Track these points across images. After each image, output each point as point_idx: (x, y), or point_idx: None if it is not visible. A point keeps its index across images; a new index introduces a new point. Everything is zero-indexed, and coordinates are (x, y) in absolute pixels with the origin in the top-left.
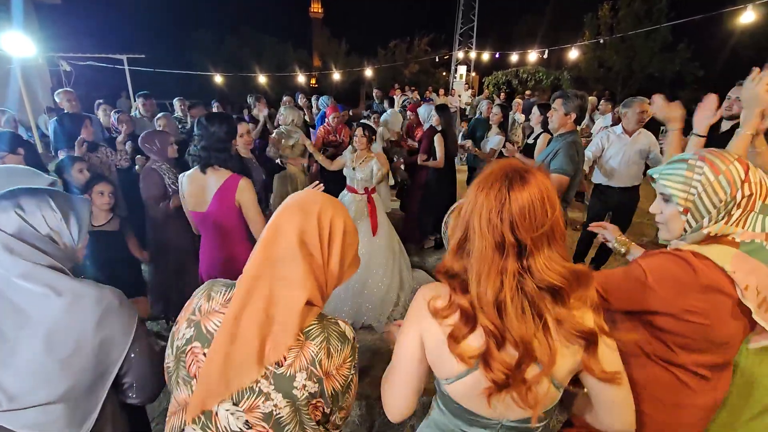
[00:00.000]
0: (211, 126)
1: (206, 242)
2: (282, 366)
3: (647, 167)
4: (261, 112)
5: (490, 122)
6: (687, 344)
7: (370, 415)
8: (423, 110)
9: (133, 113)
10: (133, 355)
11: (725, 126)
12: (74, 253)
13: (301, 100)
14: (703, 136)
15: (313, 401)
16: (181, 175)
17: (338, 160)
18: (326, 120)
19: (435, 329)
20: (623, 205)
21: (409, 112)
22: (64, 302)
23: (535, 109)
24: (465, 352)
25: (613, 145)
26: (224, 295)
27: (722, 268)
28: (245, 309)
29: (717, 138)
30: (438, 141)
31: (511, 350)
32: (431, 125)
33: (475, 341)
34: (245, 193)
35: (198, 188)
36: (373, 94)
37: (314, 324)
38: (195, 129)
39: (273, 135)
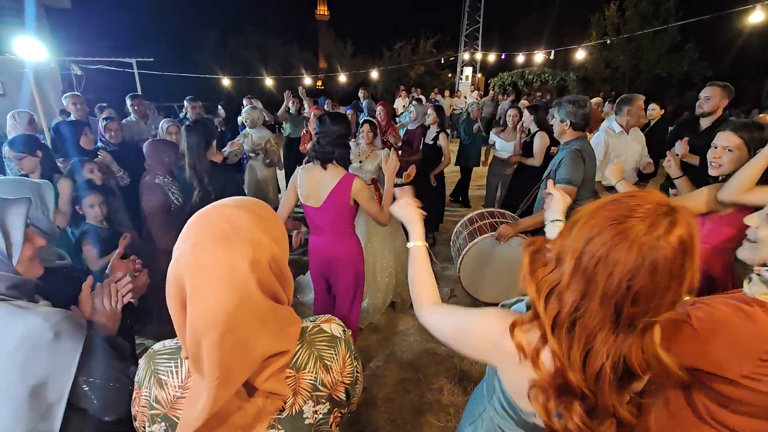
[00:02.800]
0: (333, 124)
1: (317, 238)
2: (285, 409)
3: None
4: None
5: (508, 123)
6: (751, 412)
7: (376, 413)
8: (412, 108)
9: (129, 118)
10: (86, 387)
11: (705, 123)
12: (9, 268)
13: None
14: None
15: (331, 416)
16: (299, 168)
17: None
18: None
19: (516, 372)
20: None
21: (379, 108)
22: None
23: (525, 113)
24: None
25: (614, 143)
26: (177, 375)
27: None
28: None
29: (699, 135)
30: (444, 140)
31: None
32: (421, 124)
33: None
34: (362, 192)
35: (314, 183)
36: (359, 94)
37: (299, 349)
38: (315, 126)
39: (236, 139)
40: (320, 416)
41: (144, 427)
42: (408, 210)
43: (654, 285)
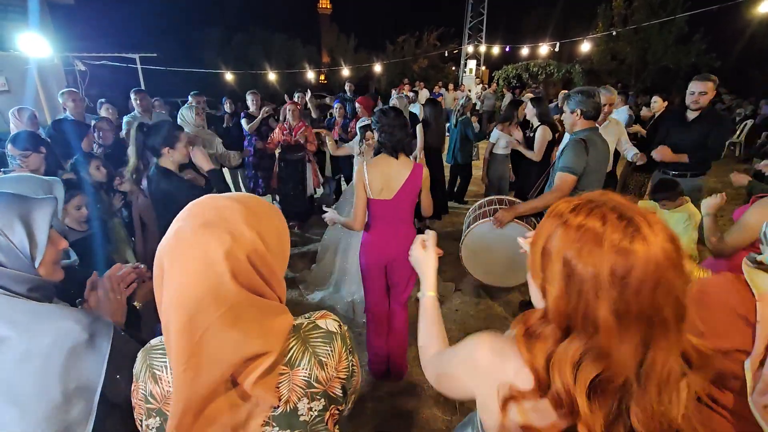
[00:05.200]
0: (396, 117)
1: (380, 230)
2: (279, 406)
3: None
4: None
5: (519, 118)
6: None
7: (381, 407)
8: (395, 102)
9: (134, 113)
10: (118, 381)
11: (692, 115)
12: (31, 270)
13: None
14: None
15: (327, 413)
16: (362, 165)
17: (344, 147)
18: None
19: (494, 402)
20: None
21: (357, 104)
22: (14, 349)
23: (528, 105)
24: None
25: None
26: (171, 371)
27: (752, 290)
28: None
29: (692, 125)
30: (419, 130)
31: None
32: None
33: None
34: (427, 181)
35: (386, 177)
36: (345, 88)
37: (293, 345)
38: (373, 121)
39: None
40: (315, 413)
41: (141, 420)
42: (428, 257)
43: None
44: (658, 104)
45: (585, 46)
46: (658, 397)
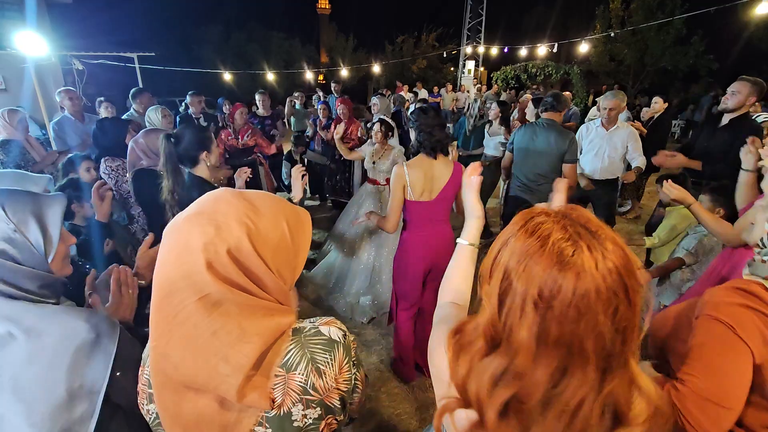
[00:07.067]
0: (434, 117)
1: (421, 232)
2: (273, 409)
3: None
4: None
5: (490, 118)
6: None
7: (380, 408)
8: (376, 101)
9: (130, 112)
10: (120, 382)
11: (726, 120)
12: (44, 266)
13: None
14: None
15: (323, 422)
16: (402, 166)
17: (356, 151)
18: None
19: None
20: (599, 197)
21: (341, 105)
22: (22, 348)
23: (530, 105)
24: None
25: (590, 138)
26: None
27: None
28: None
29: (719, 131)
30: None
31: None
32: (381, 117)
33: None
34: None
35: (427, 178)
36: (332, 88)
37: (291, 348)
38: (411, 120)
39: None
40: (310, 420)
41: (143, 404)
42: (473, 199)
43: (631, 307)
44: (659, 105)
45: (583, 48)
46: (562, 428)
